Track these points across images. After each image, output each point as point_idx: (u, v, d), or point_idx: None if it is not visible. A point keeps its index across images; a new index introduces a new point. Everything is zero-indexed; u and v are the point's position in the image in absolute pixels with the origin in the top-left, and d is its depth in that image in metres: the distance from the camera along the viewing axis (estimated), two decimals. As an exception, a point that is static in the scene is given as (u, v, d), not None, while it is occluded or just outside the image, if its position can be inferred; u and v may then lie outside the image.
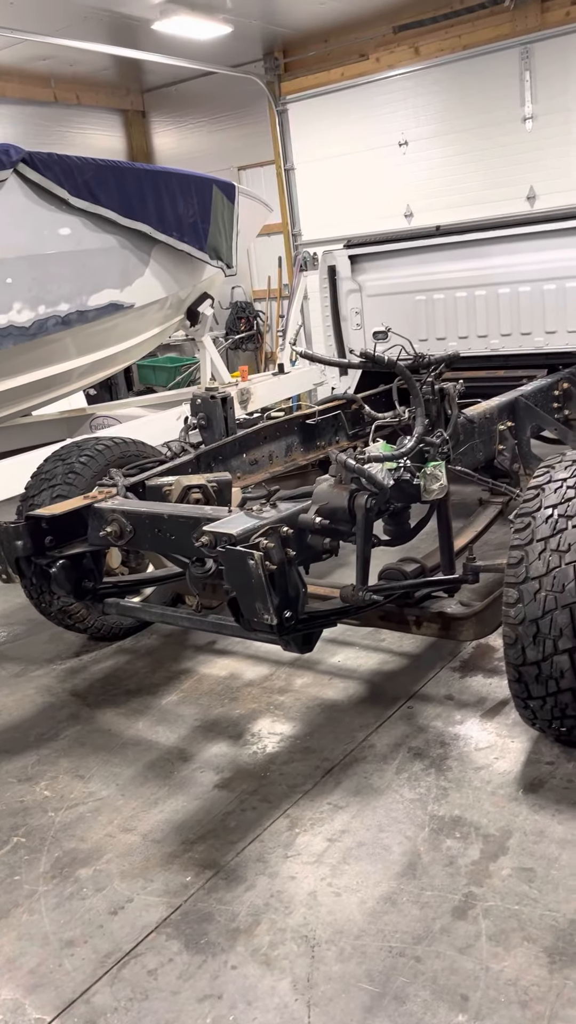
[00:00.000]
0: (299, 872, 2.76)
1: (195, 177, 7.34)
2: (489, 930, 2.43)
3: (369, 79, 10.20)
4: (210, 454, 4.25)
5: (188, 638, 4.68)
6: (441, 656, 4.11)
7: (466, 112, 9.54)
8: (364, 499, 2.99)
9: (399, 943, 2.43)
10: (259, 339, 12.19)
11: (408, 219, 10.18)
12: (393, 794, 3.10)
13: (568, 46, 8.80)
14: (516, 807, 2.95)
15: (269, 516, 2.96)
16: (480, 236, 5.37)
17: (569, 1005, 2.17)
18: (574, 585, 2.79)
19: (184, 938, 2.54)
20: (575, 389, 5.05)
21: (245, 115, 11.62)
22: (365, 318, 5.94)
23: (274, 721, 3.71)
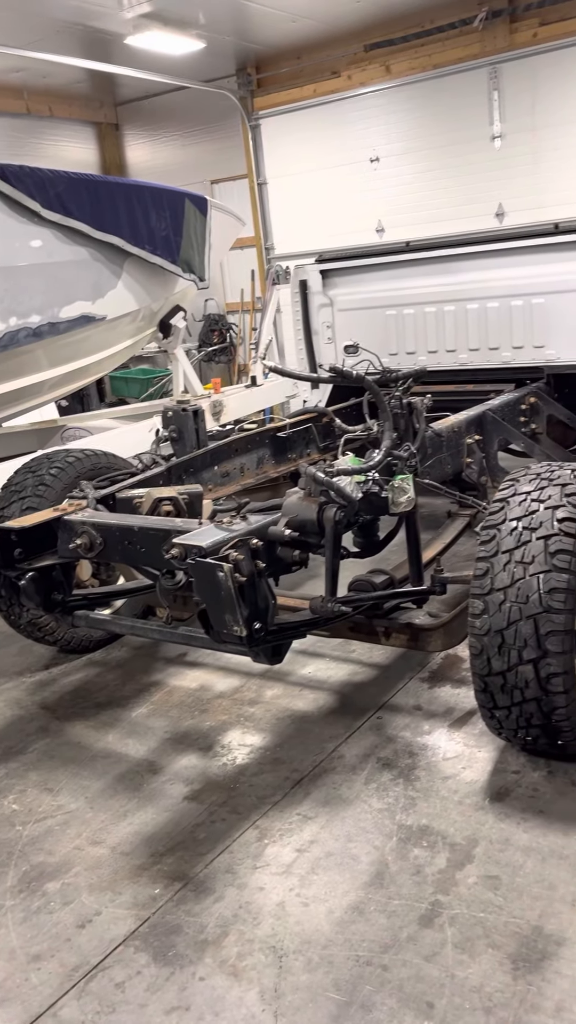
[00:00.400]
0: (268, 883, 2.77)
1: (167, 190, 7.39)
2: (455, 938, 2.46)
3: (341, 96, 10.32)
4: (181, 466, 4.26)
5: (159, 650, 4.68)
6: (410, 667, 4.15)
7: (436, 130, 9.68)
8: (333, 511, 3.02)
9: (366, 952, 2.45)
10: (232, 352, 12.23)
11: (380, 234, 10.29)
12: (362, 804, 3.12)
13: (535, 66, 8.97)
14: (482, 816, 2.98)
15: (239, 528, 2.98)
16: (449, 252, 5.45)
17: (532, 1011, 2.20)
18: (538, 596, 2.84)
19: (152, 950, 2.55)
20: (541, 403, 5.13)
21: (218, 129, 11.70)
22: (336, 332, 6.00)
23: (244, 733, 3.72)
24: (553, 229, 5.12)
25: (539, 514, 2.97)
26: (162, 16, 8.99)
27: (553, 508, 2.96)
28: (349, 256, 5.97)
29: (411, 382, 3.53)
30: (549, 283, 5.11)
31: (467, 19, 9.16)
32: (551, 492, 3.02)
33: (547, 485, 3.06)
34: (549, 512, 2.95)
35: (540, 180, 9.14)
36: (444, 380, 5.70)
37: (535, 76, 8.98)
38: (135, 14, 8.89)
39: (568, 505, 2.96)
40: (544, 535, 2.91)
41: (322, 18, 9.44)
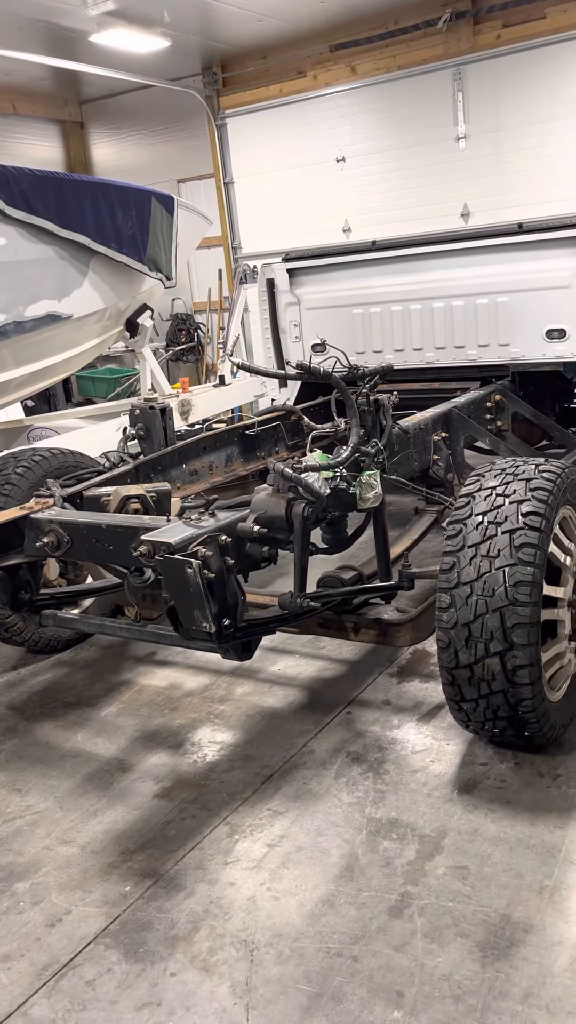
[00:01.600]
0: (238, 878, 2.78)
1: (133, 189, 7.36)
2: (424, 927, 2.49)
3: (307, 96, 10.34)
4: (149, 464, 4.25)
5: (128, 649, 4.66)
6: (380, 662, 4.17)
7: (402, 130, 9.74)
8: (301, 507, 3.04)
9: (337, 944, 2.46)
10: (200, 351, 12.21)
11: (346, 234, 10.33)
12: (332, 798, 3.14)
13: (498, 68, 9.06)
14: (451, 808, 3.01)
15: (207, 525, 2.99)
16: (415, 251, 5.49)
17: (500, 997, 2.23)
18: (504, 589, 2.88)
19: (123, 948, 2.54)
20: (507, 401, 5.19)
21: (184, 128, 11.67)
22: (304, 331, 6.02)
23: (214, 730, 3.72)
24: (517, 228, 5.18)
25: (504, 508, 3.01)
26: (126, 14, 8.95)
27: (518, 503, 3.00)
28: (315, 255, 5.99)
29: (377, 379, 3.55)
30: (513, 282, 5.17)
31: (431, 20, 9.22)
32: (516, 487, 3.06)
33: (512, 480, 3.10)
34: (514, 507, 2.99)
35: (504, 181, 9.24)
36: (411, 378, 5.75)
37: (498, 78, 9.08)
38: (99, 11, 8.84)
39: (532, 500, 3.00)
40: (509, 529, 2.95)
41: (287, 18, 9.46)
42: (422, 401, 5.03)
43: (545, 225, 5.13)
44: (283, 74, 10.49)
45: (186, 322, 12.17)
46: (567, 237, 4.96)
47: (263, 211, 10.95)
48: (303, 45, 10.16)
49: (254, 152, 10.90)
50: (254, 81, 10.75)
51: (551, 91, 8.80)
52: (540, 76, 8.83)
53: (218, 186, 11.31)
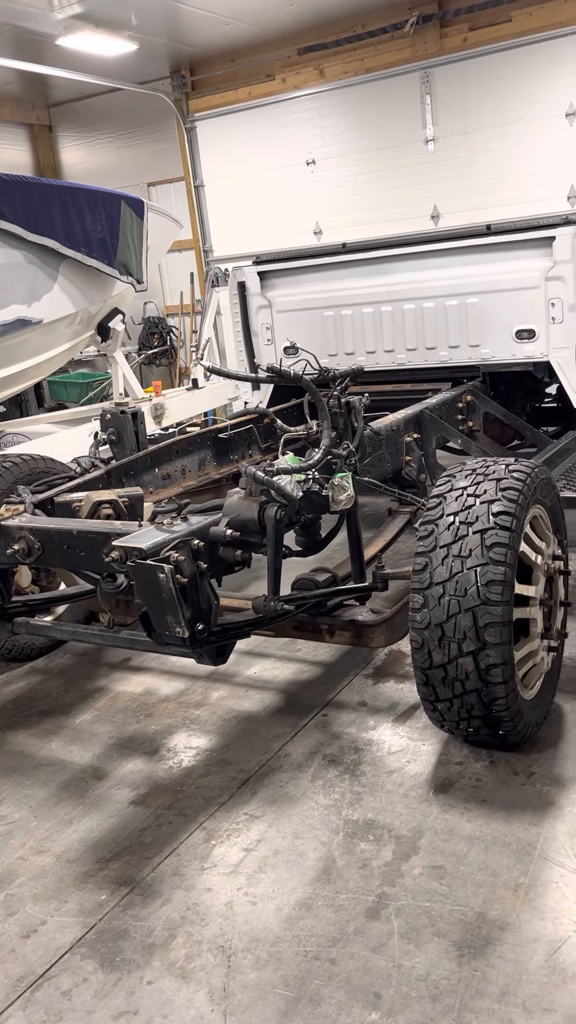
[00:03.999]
0: (215, 883, 2.77)
1: (103, 193, 7.33)
2: (401, 928, 2.49)
3: (276, 99, 10.34)
4: (121, 469, 4.23)
5: (102, 656, 4.63)
6: (355, 664, 4.18)
7: (371, 133, 9.78)
8: (274, 510, 3.03)
9: (314, 947, 2.46)
10: (172, 354, 12.17)
11: (317, 236, 10.34)
12: (308, 801, 3.14)
13: (466, 71, 9.12)
14: (427, 808, 3.02)
15: (179, 529, 2.97)
16: (385, 253, 5.51)
17: (478, 996, 2.24)
18: (476, 589, 2.90)
19: (99, 957, 2.52)
20: (478, 402, 5.22)
21: (154, 131, 11.63)
22: (276, 333, 6.01)
23: (190, 735, 3.71)
24: (486, 230, 5.21)
25: (475, 508, 3.02)
26: (93, 17, 8.90)
27: (489, 503, 3.02)
28: (286, 258, 5.99)
29: (348, 381, 3.56)
30: (483, 283, 5.19)
31: (399, 24, 9.27)
32: (487, 487, 3.08)
33: (483, 480, 3.12)
34: (485, 506, 3.01)
35: (473, 183, 9.30)
36: (382, 380, 5.76)
37: (466, 81, 9.14)
38: (66, 15, 8.79)
39: (503, 499, 3.02)
40: (480, 529, 2.96)
41: (255, 21, 9.46)
42: (394, 403, 5.04)
43: (513, 227, 5.16)
44: (252, 77, 10.49)
45: (158, 326, 12.12)
46: (535, 239, 4.99)
47: (234, 214, 10.94)
48: (271, 48, 10.16)
49: (224, 155, 10.89)
50: (223, 84, 10.74)
51: (518, 94, 8.87)
52: (507, 79, 8.90)
53: (188, 189, 11.28)
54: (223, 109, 10.76)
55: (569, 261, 4.88)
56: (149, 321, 12.14)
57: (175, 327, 12.24)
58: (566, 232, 4.87)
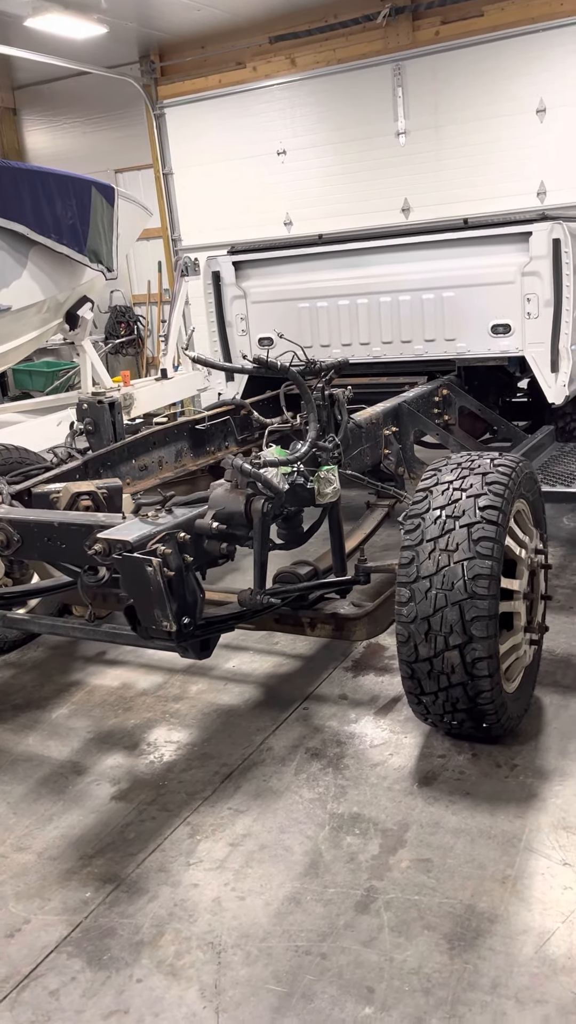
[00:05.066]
0: (202, 879, 2.74)
1: (73, 178, 7.22)
2: (391, 922, 2.49)
3: (247, 87, 10.27)
4: (98, 460, 4.16)
5: (77, 649, 4.57)
6: (334, 657, 4.18)
7: (342, 124, 9.75)
8: (261, 503, 3.01)
9: (305, 942, 2.45)
10: (140, 344, 12.04)
11: (288, 227, 10.31)
12: (293, 795, 3.13)
13: (437, 65, 9.14)
14: (412, 800, 3.03)
15: (165, 522, 2.93)
16: (362, 246, 5.49)
17: (470, 988, 2.25)
18: (463, 583, 2.90)
19: (86, 955, 2.49)
20: (453, 395, 5.24)
21: (122, 117, 11.47)
22: (250, 324, 5.96)
23: (170, 729, 3.67)
24: (463, 224, 5.22)
25: (462, 503, 3.03)
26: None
27: (475, 496, 3.02)
28: (262, 248, 5.94)
29: (333, 373, 3.54)
30: (459, 277, 5.20)
31: (371, 15, 9.25)
32: (472, 481, 3.09)
33: (468, 474, 3.12)
34: (471, 501, 3.02)
35: (444, 177, 9.33)
36: (358, 373, 5.74)
37: (438, 74, 9.16)
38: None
39: (489, 493, 3.03)
40: (467, 523, 2.97)
41: (227, 7, 9.37)
42: (369, 396, 5.04)
43: (491, 222, 5.18)
44: (222, 65, 10.39)
45: (125, 315, 11.99)
46: (512, 233, 5.01)
47: (203, 203, 10.85)
48: (242, 36, 10.08)
49: (194, 143, 10.79)
50: (193, 71, 10.63)
51: (490, 90, 8.92)
52: (478, 74, 8.94)
53: (157, 177, 11.16)
54: (193, 96, 10.66)
55: (545, 257, 4.91)
56: (116, 310, 12.00)
57: (142, 316, 12.11)
58: (542, 228, 4.89)
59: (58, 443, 6.33)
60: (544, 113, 8.74)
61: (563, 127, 8.68)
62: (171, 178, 11.12)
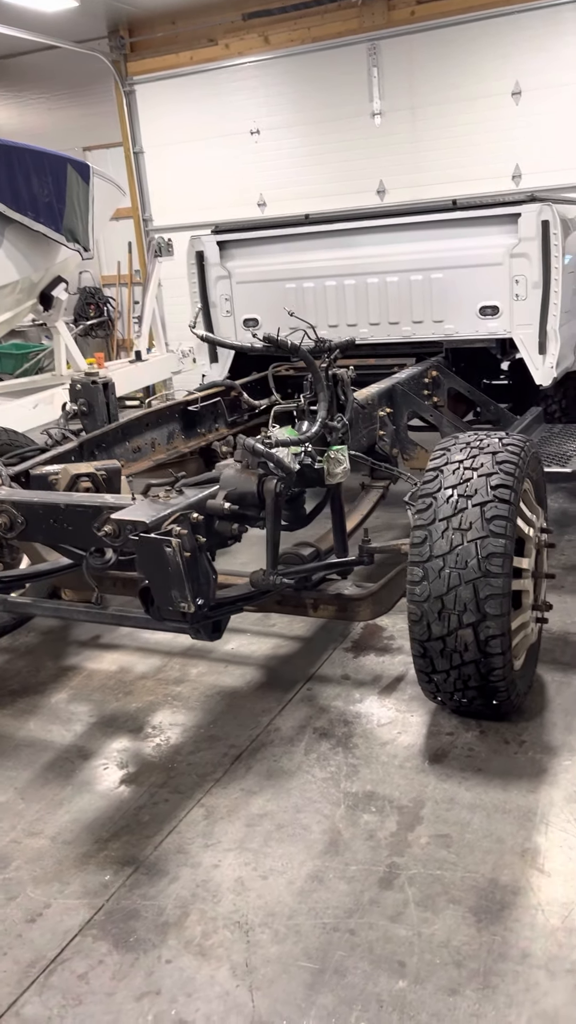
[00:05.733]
0: (222, 860, 2.74)
1: (49, 154, 7.07)
2: (416, 897, 2.52)
3: (219, 65, 10.13)
4: (93, 441, 4.10)
5: (69, 634, 4.52)
6: (332, 638, 4.18)
7: (317, 104, 9.68)
8: (273, 483, 2.99)
9: (332, 918, 2.47)
10: (110, 326, 11.87)
11: (261, 208, 10.22)
12: (305, 775, 3.13)
13: (413, 45, 9.10)
14: (424, 778, 3.05)
15: (178, 502, 2.90)
16: (349, 226, 5.46)
17: (500, 959, 2.28)
18: (476, 561, 2.92)
19: (111, 938, 2.47)
20: (443, 377, 5.26)
21: (91, 94, 11.23)
22: (235, 305, 5.91)
23: (174, 712, 3.65)
24: (451, 205, 5.22)
25: (473, 482, 3.04)
26: (31, -30, 8.54)
27: (487, 476, 3.04)
28: (247, 227, 5.88)
29: (338, 353, 3.53)
30: (448, 258, 5.20)
31: (345, -7, 9.18)
32: (483, 460, 3.10)
33: (478, 453, 3.14)
34: (483, 480, 3.03)
35: (420, 159, 9.32)
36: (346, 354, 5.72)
37: (413, 55, 9.12)
38: (2, -35, 8.40)
39: (500, 472, 3.05)
40: (480, 502, 2.98)
41: (199, -17, 9.23)
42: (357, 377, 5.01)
43: (479, 203, 5.19)
44: (194, 41, 10.24)
45: (95, 296, 11.80)
46: (501, 215, 5.03)
47: (175, 183, 10.71)
48: (214, 12, 9.93)
49: (165, 121, 10.62)
50: (164, 47, 10.45)
51: (465, 70, 8.91)
52: (454, 55, 8.92)
53: (127, 156, 10.98)
54: (164, 73, 10.49)
55: (534, 239, 4.93)
56: (85, 291, 11.81)
57: (112, 298, 11.94)
58: (531, 210, 4.91)
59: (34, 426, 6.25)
60: (520, 96, 8.77)
61: (538, 110, 8.71)
62: (142, 157, 10.95)
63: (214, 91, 10.21)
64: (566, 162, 8.67)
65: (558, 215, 4.88)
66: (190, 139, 10.43)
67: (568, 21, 8.43)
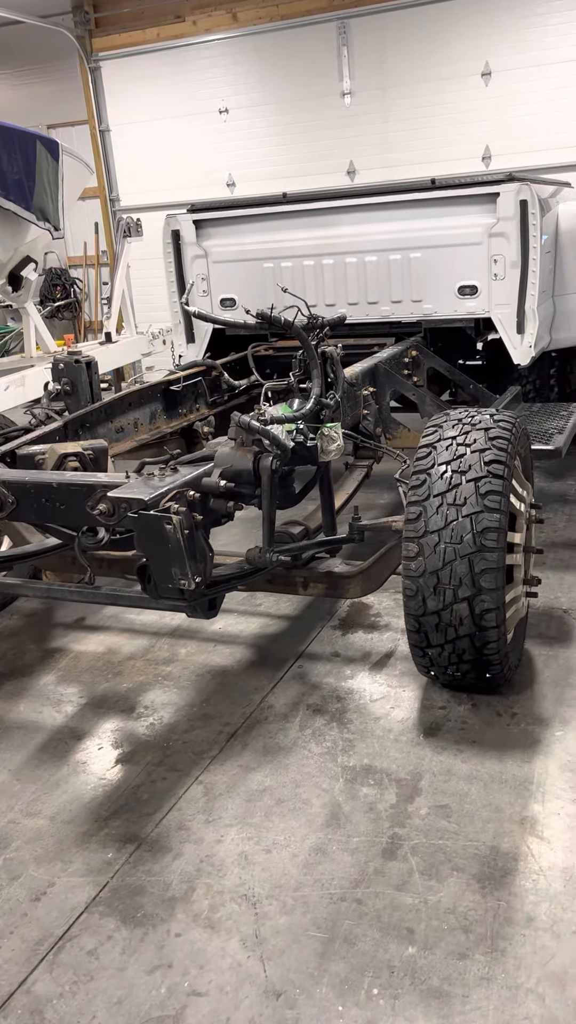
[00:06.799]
0: (224, 835, 2.75)
1: (17, 131, 6.94)
2: (420, 866, 2.55)
3: (186, 42, 9.99)
4: (77, 421, 4.05)
5: (53, 616, 4.49)
6: (320, 616, 4.21)
7: (286, 83, 9.59)
8: (269, 460, 2.99)
9: (338, 889, 2.49)
10: (77, 307, 11.71)
11: (230, 188, 10.14)
12: (301, 750, 3.15)
13: (383, 24, 9.05)
14: (420, 751, 3.09)
15: (173, 480, 2.89)
16: (327, 205, 5.45)
17: (507, 924, 2.33)
18: (472, 536, 2.95)
19: (119, 914, 2.47)
20: (422, 357, 5.28)
21: (56, 70, 11.01)
22: (212, 285, 5.87)
23: (165, 691, 3.65)
24: (430, 184, 5.23)
25: (467, 458, 3.07)
26: None
27: (480, 451, 3.07)
28: (224, 206, 5.84)
29: (327, 330, 3.52)
30: (426, 238, 5.21)
31: (314, -29, 9.10)
32: (476, 436, 3.13)
33: (471, 430, 3.17)
34: (477, 455, 3.06)
35: (390, 139, 9.30)
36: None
37: (383, 34, 9.08)
38: None
39: (493, 448, 3.08)
40: (474, 477, 3.01)
41: (166, -42, 9.07)
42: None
43: (458, 182, 5.20)
44: (160, 17, 10.08)
45: (61, 277, 11.63)
46: (479, 195, 5.05)
47: (143, 162, 10.56)
48: (181, -12, 9.79)
49: (131, 99, 10.45)
50: (130, 23, 10.27)
51: (435, 52, 8.89)
52: (424, 36, 8.89)
53: (93, 134, 10.79)
54: (130, 50, 10.31)
55: (512, 218, 4.96)
56: (51, 272, 11.63)
57: (79, 279, 11.78)
58: (510, 189, 4.93)
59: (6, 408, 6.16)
60: (489, 77, 8.78)
61: (507, 91, 8.73)
62: (108, 135, 10.78)
63: (182, 69, 10.07)
64: (535, 144, 8.71)
65: (536, 195, 4.91)
66: (157, 117, 10.28)
67: (538, 2, 8.45)
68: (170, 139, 10.27)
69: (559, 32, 8.44)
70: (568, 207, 5.75)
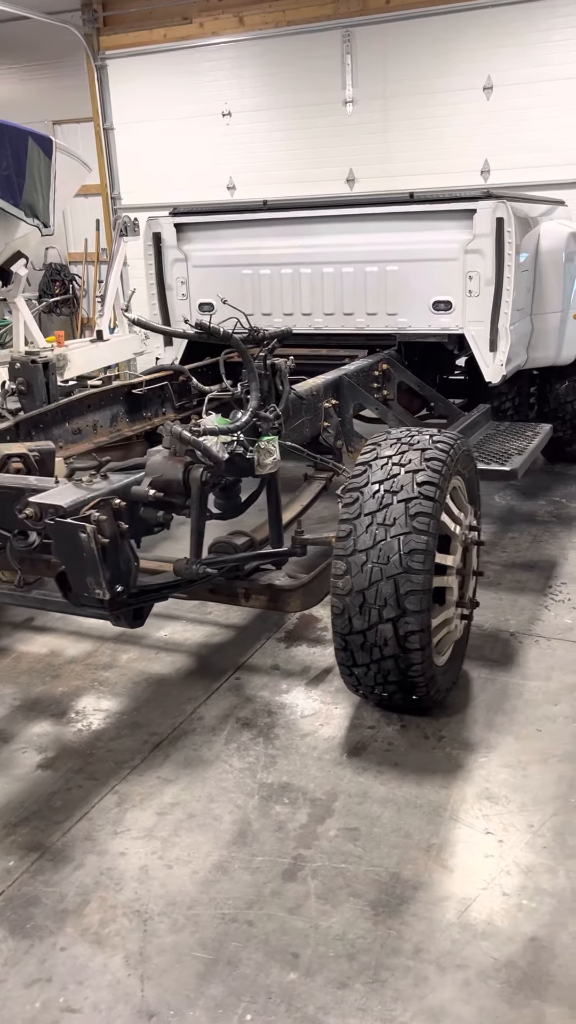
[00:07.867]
0: (129, 848, 2.73)
1: (9, 127, 6.95)
2: (318, 889, 2.52)
3: (192, 43, 10.00)
4: (30, 422, 4.04)
5: (2, 616, 4.47)
6: (267, 627, 4.18)
7: (289, 88, 9.59)
8: (200, 472, 2.97)
9: (231, 909, 2.47)
10: (75, 304, 11.73)
11: (231, 191, 10.14)
12: (223, 764, 3.13)
13: (387, 33, 9.04)
14: (341, 771, 3.06)
15: (100, 488, 2.87)
16: (307, 214, 5.43)
17: (393, 954, 2.30)
18: (398, 557, 2.92)
19: (8, 924, 2.45)
20: (393, 370, 5.25)
21: (63, 67, 11.03)
22: (191, 288, 5.86)
23: (99, 697, 3.63)
24: (408, 198, 5.20)
25: (400, 478, 3.04)
26: None
27: (413, 472, 3.04)
28: (205, 211, 5.83)
29: (276, 343, 3.50)
30: (403, 251, 5.19)
31: (322, -22, 9.09)
32: (411, 456, 3.10)
33: (408, 449, 3.14)
34: (409, 476, 3.03)
35: (390, 149, 9.28)
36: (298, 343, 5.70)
37: (387, 44, 9.06)
38: None
39: (427, 469, 3.05)
40: (405, 498, 2.98)
41: (175, -41, 9.09)
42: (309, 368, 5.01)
43: (435, 197, 5.18)
44: (167, 18, 10.09)
45: (60, 273, 11.65)
46: (456, 210, 5.02)
47: (145, 161, 10.58)
48: (189, -10, 9.81)
49: (137, 98, 10.47)
50: (137, 23, 10.30)
51: (437, 62, 8.87)
52: (427, 46, 8.87)
53: (97, 132, 10.82)
54: (137, 49, 10.33)
55: (488, 235, 4.93)
56: (51, 268, 11.66)
57: (78, 275, 11.79)
58: (487, 206, 4.90)
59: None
60: (491, 91, 8.75)
61: (508, 105, 8.70)
62: (112, 133, 10.80)
63: (187, 70, 10.08)
64: (534, 159, 8.67)
65: (512, 213, 4.88)
66: (161, 118, 10.30)
67: (541, 18, 8.42)
68: (172, 140, 10.28)
69: (562, 49, 8.40)
70: (549, 226, 5.71)
